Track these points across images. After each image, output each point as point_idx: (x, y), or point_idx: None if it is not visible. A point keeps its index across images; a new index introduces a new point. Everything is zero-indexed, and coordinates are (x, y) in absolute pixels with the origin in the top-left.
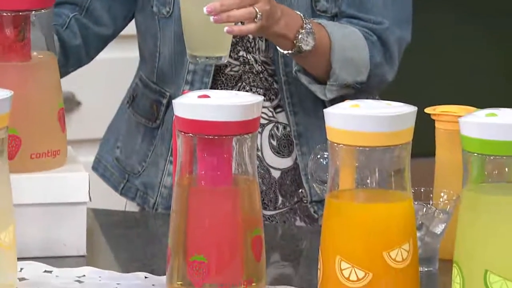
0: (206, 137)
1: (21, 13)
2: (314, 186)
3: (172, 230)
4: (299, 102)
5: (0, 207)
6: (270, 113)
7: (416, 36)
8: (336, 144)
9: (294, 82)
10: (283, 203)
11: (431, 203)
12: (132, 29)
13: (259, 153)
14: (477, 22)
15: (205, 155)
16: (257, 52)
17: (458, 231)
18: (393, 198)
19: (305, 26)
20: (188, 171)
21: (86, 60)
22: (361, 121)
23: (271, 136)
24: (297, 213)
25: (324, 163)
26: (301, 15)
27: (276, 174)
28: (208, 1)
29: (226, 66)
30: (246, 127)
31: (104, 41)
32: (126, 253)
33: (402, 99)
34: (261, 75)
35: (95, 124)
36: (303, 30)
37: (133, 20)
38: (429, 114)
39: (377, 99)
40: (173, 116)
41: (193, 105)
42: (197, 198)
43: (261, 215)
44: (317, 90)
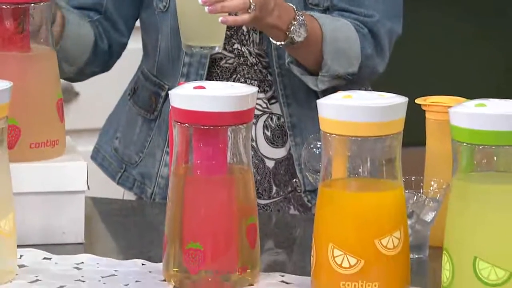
0: (202, 127)
1: (20, 6)
2: (307, 175)
3: (169, 218)
4: (292, 94)
5: (0, 196)
6: (264, 105)
7: (408, 29)
8: (329, 134)
9: (288, 74)
10: (277, 193)
11: (422, 192)
12: None
13: (254, 144)
14: (467, 16)
15: (201, 145)
16: (251, 45)
17: (448, 219)
18: (385, 187)
19: (298, 18)
20: (184, 161)
21: (110, 64)
22: (353, 112)
23: (266, 127)
24: (291, 202)
25: (317, 153)
26: (294, 7)
27: (271, 164)
28: None
29: (221, 59)
30: (241, 118)
31: (122, 47)
32: (124, 241)
33: (394, 90)
34: (255, 67)
35: (93, 114)
36: (296, 22)
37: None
38: (420, 105)
39: (370, 90)
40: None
41: (189, 96)
42: (193, 187)
43: (256, 204)
44: (309, 81)
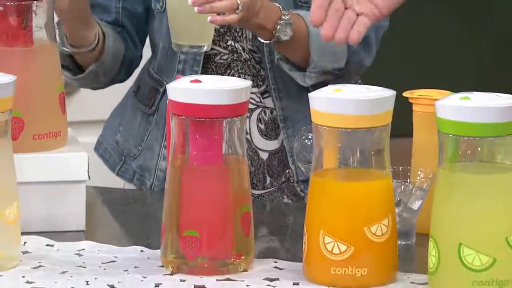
0: (198, 120)
1: (24, 3)
2: (300, 166)
3: (166, 207)
4: (284, 88)
5: (5, 185)
6: (258, 99)
7: (396, 25)
8: (320, 126)
9: (279, 69)
10: (271, 183)
11: (409, 181)
12: None
13: (248, 136)
14: (453, 12)
15: (197, 137)
16: (245, 41)
17: (434, 207)
18: (373, 177)
19: (283, 18)
20: (181, 152)
21: (132, 71)
22: (344, 105)
23: (259, 120)
24: (285, 192)
25: (309, 144)
26: (280, 7)
27: (264, 156)
28: None
29: (216, 55)
30: (236, 110)
31: (140, 58)
32: (123, 228)
33: (382, 84)
34: (249, 63)
35: (94, 107)
36: (282, 21)
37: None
38: (407, 98)
39: (359, 83)
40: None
41: (186, 89)
42: (190, 177)
43: (250, 193)
44: (298, 77)
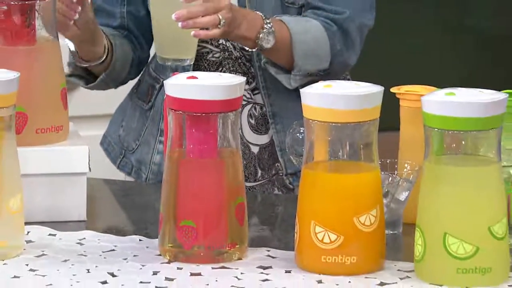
0: (194, 114)
1: (28, 2)
2: (291, 158)
3: (164, 198)
4: (272, 85)
5: (9, 177)
6: (249, 95)
7: (383, 22)
8: (311, 121)
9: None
10: (262, 176)
11: (396, 173)
12: None
13: (240, 131)
14: (435, 10)
15: (193, 131)
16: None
17: (420, 198)
18: (362, 169)
19: (266, 27)
20: (178, 145)
21: (140, 70)
22: (334, 100)
23: (250, 116)
24: (275, 184)
25: (300, 138)
26: (262, 16)
27: (255, 150)
28: (176, 9)
29: (208, 53)
30: (230, 105)
31: (146, 59)
32: (123, 219)
33: (370, 80)
34: (239, 61)
35: (95, 102)
36: (265, 30)
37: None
38: (395, 93)
39: (348, 79)
40: (163, 100)
41: (182, 85)
42: (186, 169)
43: (244, 185)
44: (283, 80)
